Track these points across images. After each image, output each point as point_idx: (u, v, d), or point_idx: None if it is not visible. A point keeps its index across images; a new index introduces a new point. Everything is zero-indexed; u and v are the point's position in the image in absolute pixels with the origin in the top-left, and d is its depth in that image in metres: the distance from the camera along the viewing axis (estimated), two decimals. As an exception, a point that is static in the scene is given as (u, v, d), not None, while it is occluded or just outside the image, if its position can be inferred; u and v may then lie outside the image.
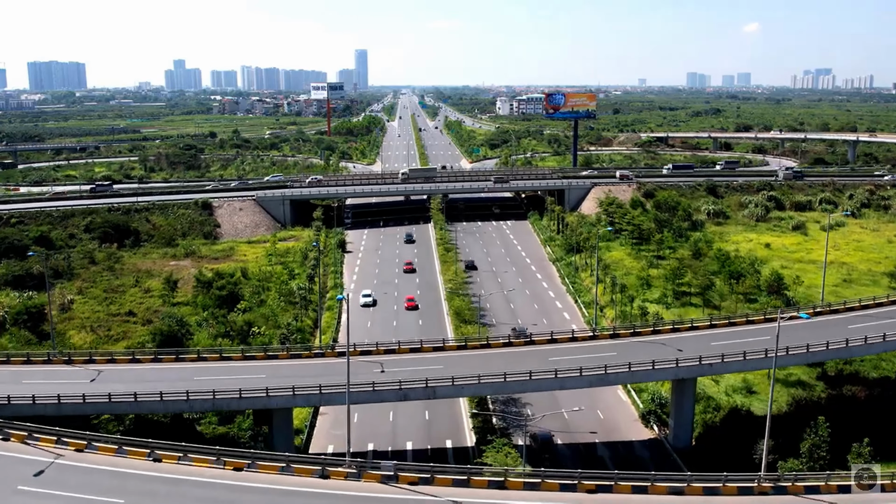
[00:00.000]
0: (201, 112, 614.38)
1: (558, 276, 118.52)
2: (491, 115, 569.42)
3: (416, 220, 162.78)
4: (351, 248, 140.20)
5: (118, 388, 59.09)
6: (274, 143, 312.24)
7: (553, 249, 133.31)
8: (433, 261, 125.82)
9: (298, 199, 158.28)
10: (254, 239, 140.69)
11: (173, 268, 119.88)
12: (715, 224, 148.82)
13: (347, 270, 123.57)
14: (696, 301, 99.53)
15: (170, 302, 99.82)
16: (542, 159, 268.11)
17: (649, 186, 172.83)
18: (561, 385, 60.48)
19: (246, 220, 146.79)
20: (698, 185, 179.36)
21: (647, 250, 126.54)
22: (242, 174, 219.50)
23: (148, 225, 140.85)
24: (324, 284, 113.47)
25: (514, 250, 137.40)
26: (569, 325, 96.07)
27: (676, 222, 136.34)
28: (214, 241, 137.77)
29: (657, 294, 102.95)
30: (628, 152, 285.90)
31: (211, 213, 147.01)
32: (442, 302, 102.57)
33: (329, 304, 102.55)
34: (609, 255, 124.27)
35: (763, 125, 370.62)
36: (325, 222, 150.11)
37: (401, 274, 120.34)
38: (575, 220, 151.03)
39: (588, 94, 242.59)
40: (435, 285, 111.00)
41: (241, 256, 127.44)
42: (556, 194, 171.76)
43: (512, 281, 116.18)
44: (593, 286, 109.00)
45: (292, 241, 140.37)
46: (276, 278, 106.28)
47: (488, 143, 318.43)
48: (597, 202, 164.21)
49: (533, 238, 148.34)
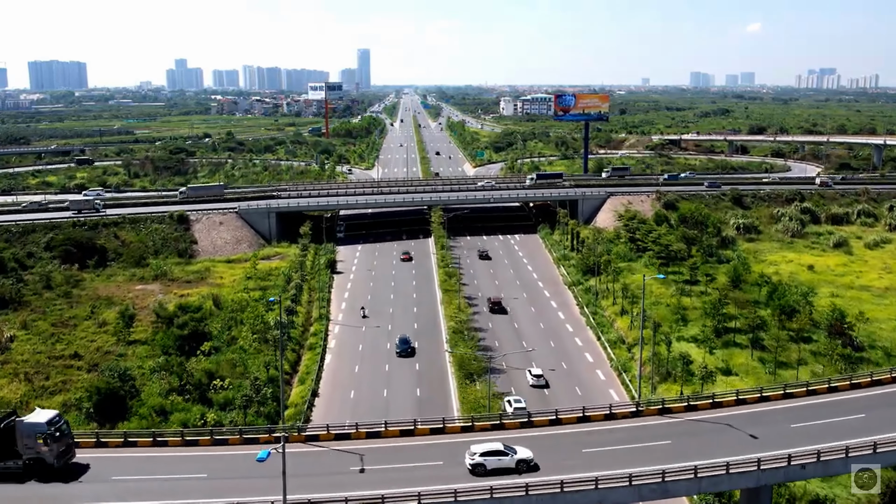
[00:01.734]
0: (200, 112, 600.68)
1: (575, 304, 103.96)
2: (494, 115, 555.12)
3: (416, 233, 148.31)
4: (342, 266, 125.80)
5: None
6: (268, 146, 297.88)
7: (568, 271, 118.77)
8: (433, 287, 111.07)
9: (285, 212, 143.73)
10: (234, 257, 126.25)
11: (139, 293, 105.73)
12: (746, 240, 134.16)
13: (336, 296, 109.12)
14: (742, 340, 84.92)
15: (125, 340, 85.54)
16: (549, 163, 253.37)
17: (670, 197, 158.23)
18: (601, 499, 44.90)
19: (226, 236, 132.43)
20: (723, 194, 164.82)
21: (673, 271, 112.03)
22: (230, 180, 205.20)
23: (116, 242, 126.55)
24: (308, 314, 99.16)
25: (524, 271, 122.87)
26: (592, 368, 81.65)
27: (707, 240, 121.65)
28: (189, 260, 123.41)
29: (694, 330, 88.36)
30: (640, 155, 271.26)
31: (187, 227, 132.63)
32: (443, 341, 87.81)
33: (312, 342, 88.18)
34: (631, 278, 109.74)
35: (779, 127, 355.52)
36: (315, 236, 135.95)
37: (395, 300, 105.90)
38: (590, 234, 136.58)
39: (600, 95, 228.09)
40: (435, 320, 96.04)
41: (216, 279, 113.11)
42: (569, 205, 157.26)
43: (523, 310, 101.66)
44: (616, 318, 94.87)
45: (276, 259, 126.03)
46: (251, 309, 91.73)
47: (493, 146, 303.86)
48: (614, 214, 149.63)
49: (544, 255, 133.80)
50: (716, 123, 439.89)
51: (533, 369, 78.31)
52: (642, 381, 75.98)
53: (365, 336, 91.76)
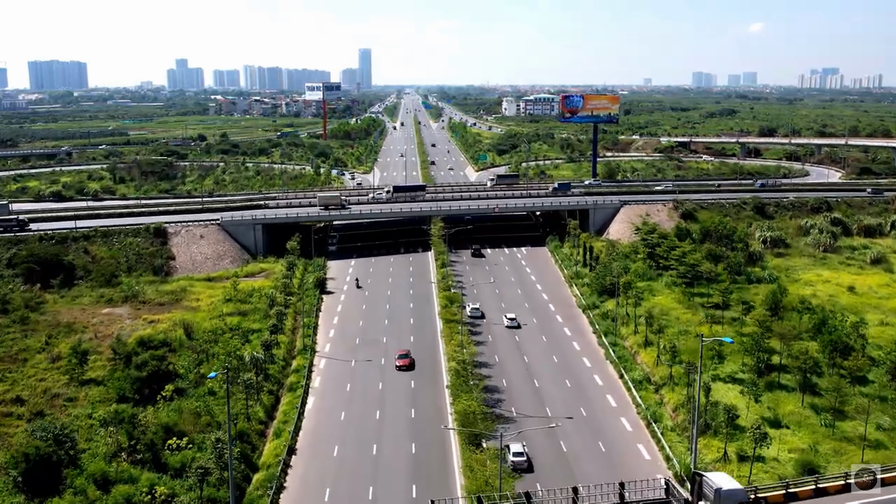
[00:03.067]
0: (198, 113, 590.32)
1: (591, 332, 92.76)
2: (497, 116, 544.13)
3: (414, 245, 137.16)
4: (333, 284, 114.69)
5: None
6: (263, 149, 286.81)
7: (581, 290, 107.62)
8: (433, 312, 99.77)
9: (272, 223, 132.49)
10: (214, 274, 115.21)
11: (105, 318, 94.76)
12: (774, 255, 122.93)
13: (324, 321, 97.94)
14: (788, 381, 73.74)
15: (77, 379, 74.59)
16: (555, 167, 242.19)
17: (688, 206, 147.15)
18: None
19: (207, 251, 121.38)
20: (744, 202, 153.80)
21: (699, 292, 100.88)
22: (218, 187, 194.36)
23: (86, 258, 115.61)
24: (291, 343, 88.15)
25: (533, 290, 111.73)
26: (615, 414, 70.54)
27: (735, 257, 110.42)
28: (165, 279, 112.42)
29: (731, 366, 77.22)
30: (649, 159, 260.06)
31: (165, 241, 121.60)
32: (443, 381, 76.57)
33: (293, 381, 77.05)
34: (652, 300, 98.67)
35: (791, 129, 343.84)
36: (306, 248, 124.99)
37: (390, 327, 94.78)
38: (604, 248, 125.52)
39: (610, 96, 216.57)
40: (435, 356, 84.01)
41: (192, 301, 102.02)
42: (579, 214, 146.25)
43: (534, 338, 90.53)
44: (639, 350, 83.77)
45: (261, 276, 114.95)
46: (222, 344, 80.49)
47: (495, 149, 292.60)
48: (630, 226, 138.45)
49: (554, 272, 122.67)
50: (723, 124, 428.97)
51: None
52: (676, 434, 65.01)
53: (354, 372, 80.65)
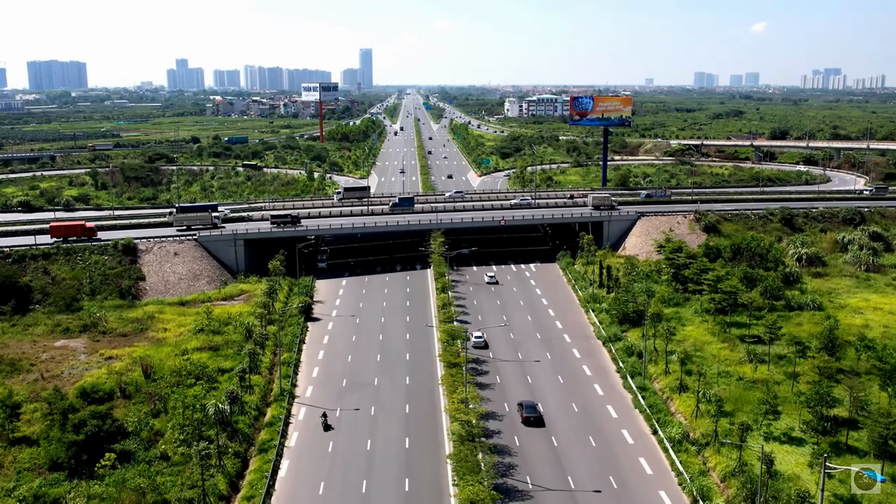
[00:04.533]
0: (195, 113, 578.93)
1: (615, 371, 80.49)
2: (499, 117, 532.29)
3: (412, 262, 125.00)
4: (321, 309, 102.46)
5: None
6: (257, 152, 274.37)
7: (599, 317, 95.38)
8: (432, 348, 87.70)
9: (256, 239, 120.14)
10: (188, 298, 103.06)
11: (57, 353, 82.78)
12: (812, 275, 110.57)
13: (308, 357, 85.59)
14: (859, 442, 61.43)
15: (7, 437, 62.44)
16: (561, 172, 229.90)
17: (711, 217, 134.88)
18: None
19: (181, 270, 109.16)
20: (770, 213, 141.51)
21: (734, 321, 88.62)
22: (204, 194, 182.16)
23: (45, 279, 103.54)
24: (268, 386, 75.97)
25: (545, 316, 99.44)
26: (652, 486, 58.21)
27: (772, 280, 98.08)
28: (133, 303, 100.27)
29: (787, 421, 64.91)
30: (660, 163, 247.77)
31: (135, 259, 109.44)
32: (445, 450, 64.23)
33: (265, 439, 64.81)
34: (682, 331, 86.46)
35: (806, 131, 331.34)
36: (294, 265, 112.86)
37: (383, 366, 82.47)
38: (622, 266, 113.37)
39: (622, 98, 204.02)
40: (434, 411, 71.15)
41: (159, 330, 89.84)
42: (591, 226, 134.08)
43: (549, 379, 78.26)
44: (673, 396, 71.55)
45: (240, 300, 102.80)
46: (177, 394, 67.95)
47: (499, 152, 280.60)
48: (648, 240, 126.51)
49: (567, 293, 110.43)
50: (731, 126, 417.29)
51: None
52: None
53: (339, 426, 68.38)
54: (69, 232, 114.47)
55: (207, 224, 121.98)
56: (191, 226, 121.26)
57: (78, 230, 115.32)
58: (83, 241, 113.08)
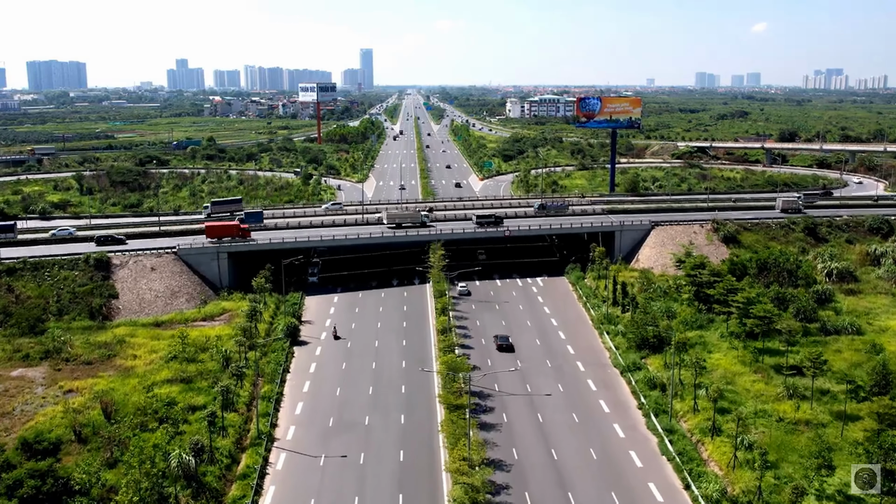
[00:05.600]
0: (193, 114, 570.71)
1: (636, 407, 71.61)
2: (501, 117, 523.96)
3: (410, 276, 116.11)
4: (309, 330, 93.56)
5: None
6: (252, 154, 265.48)
7: (615, 341, 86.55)
8: (431, 382, 78.98)
9: (240, 252, 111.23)
10: (164, 318, 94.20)
11: (13, 384, 73.99)
12: (844, 292, 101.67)
13: (292, 388, 76.70)
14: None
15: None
16: (566, 175, 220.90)
17: (730, 227, 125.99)
18: None
19: (158, 287, 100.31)
20: (792, 222, 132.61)
21: (764, 346, 79.82)
22: (193, 200, 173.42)
23: (9, 297, 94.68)
24: (244, 426, 67.13)
25: (555, 340, 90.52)
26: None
27: (804, 299, 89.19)
28: (103, 324, 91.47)
29: (843, 475, 55.94)
30: (668, 165, 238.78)
31: (107, 274, 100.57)
32: (443, 499, 55.52)
33: (235, 499, 55.84)
34: (709, 359, 77.63)
35: (817, 133, 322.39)
36: (285, 278, 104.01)
37: (376, 399, 73.60)
38: (636, 281, 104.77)
39: (631, 99, 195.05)
40: (432, 454, 62.88)
41: (128, 357, 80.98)
42: (602, 236, 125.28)
43: (562, 418, 69.24)
44: (705, 440, 62.68)
45: (222, 321, 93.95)
46: (135, 442, 59.13)
47: (501, 154, 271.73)
48: (664, 252, 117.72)
49: (578, 312, 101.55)
50: (736, 127, 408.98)
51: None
52: None
53: (322, 478, 59.42)
54: (224, 232, 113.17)
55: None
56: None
57: (233, 230, 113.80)
58: (237, 240, 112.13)
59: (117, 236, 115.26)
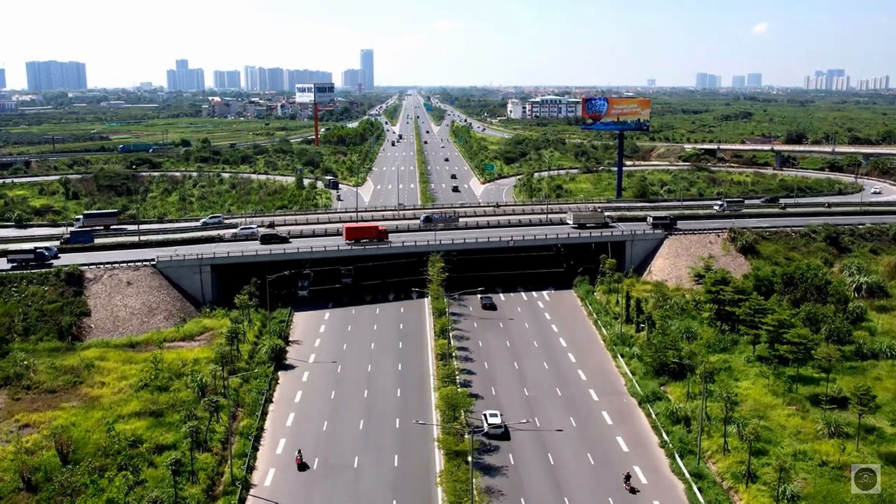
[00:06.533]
0: (191, 115, 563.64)
1: (658, 446, 63.97)
2: (502, 118, 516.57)
3: (407, 289, 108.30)
4: (296, 354, 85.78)
5: None
6: (247, 156, 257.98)
7: (631, 365, 79.01)
8: (429, 408, 71.48)
9: (226, 264, 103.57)
10: (140, 338, 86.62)
11: (-35, 416, 66.55)
12: (875, 309, 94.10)
13: (274, 422, 68.88)
14: None
15: None
16: (571, 179, 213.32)
17: (748, 237, 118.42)
18: None
19: (134, 303, 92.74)
20: (813, 231, 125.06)
21: (795, 372, 72.34)
22: (182, 205, 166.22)
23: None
24: (218, 468, 59.59)
25: (565, 363, 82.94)
26: None
27: (840, 320, 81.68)
28: (73, 345, 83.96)
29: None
30: (675, 168, 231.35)
31: (80, 290, 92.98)
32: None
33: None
34: (735, 387, 70.13)
35: (827, 134, 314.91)
36: (272, 291, 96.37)
37: (364, 439, 65.86)
38: (650, 295, 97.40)
39: (640, 100, 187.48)
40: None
41: (96, 385, 73.41)
42: (611, 246, 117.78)
43: (577, 462, 61.53)
44: (737, 486, 55.20)
45: (202, 341, 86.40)
46: (120, 461, 51.84)
47: (503, 156, 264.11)
48: (685, 267, 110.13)
49: (588, 330, 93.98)
50: (741, 128, 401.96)
51: None
52: None
53: None
54: (364, 234, 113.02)
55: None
56: None
57: (372, 232, 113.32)
58: (373, 242, 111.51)
59: (281, 234, 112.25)
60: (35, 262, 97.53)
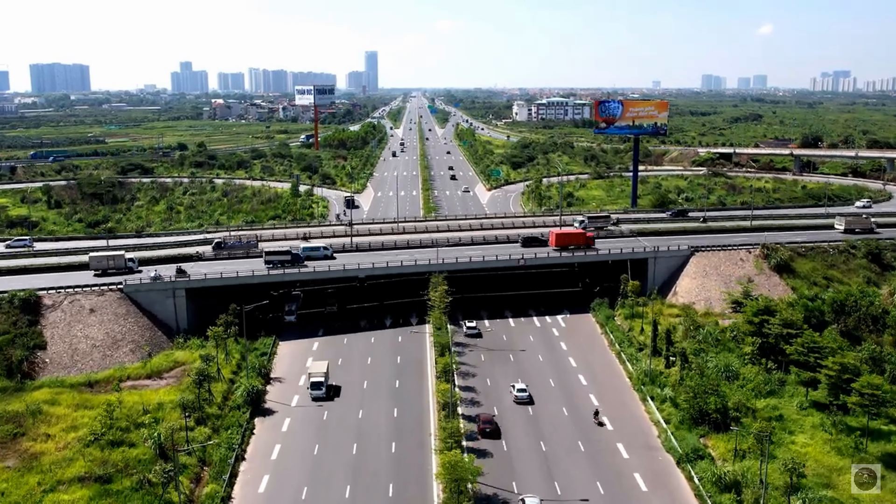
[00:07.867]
0: (192, 117, 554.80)
1: (705, 521, 53.06)
2: (507, 121, 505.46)
3: (406, 313, 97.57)
4: (277, 394, 74.75)
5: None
6: (243, 161, 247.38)
7: (664, 411, 67.93)
8: (426, 471, 60.58)
9: (201, 287, 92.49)
10: (100, 375, 75.79)
11: None
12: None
13: (244, 490, 57.73)
14: None
15: None
16: (581, 185, 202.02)
17: (783, 254, 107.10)
18: None
19: (97, 334, 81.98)
20: (852, 246, 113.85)
21: (863, 424, 61.31)
22: (168, 214, 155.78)
23: None
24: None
25: (587, 407, 71.71)
26: None
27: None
28: (23, 384, 73.19)
29: None
30: (690, 174, 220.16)
31: (35, 318, 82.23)
32: None
33: None
34: (788, 441, 59.13)
35: (846, 137, 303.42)
36: (256, 319, 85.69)
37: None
38: (678, 322, 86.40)
39: (657, 102, 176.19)
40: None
41: (39, 438, 62.62)
42: (631, 264, 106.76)
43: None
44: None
45: (170, 378, 75.50)
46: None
47: (509, 161, 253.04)
48: (717, 290, 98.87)
49: (610, 364, 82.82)
50: (752, 130, 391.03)
51: None
52: None
53: None
54: (572, 241, 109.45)
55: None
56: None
57: (581, 239, 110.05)
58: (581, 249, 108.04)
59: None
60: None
